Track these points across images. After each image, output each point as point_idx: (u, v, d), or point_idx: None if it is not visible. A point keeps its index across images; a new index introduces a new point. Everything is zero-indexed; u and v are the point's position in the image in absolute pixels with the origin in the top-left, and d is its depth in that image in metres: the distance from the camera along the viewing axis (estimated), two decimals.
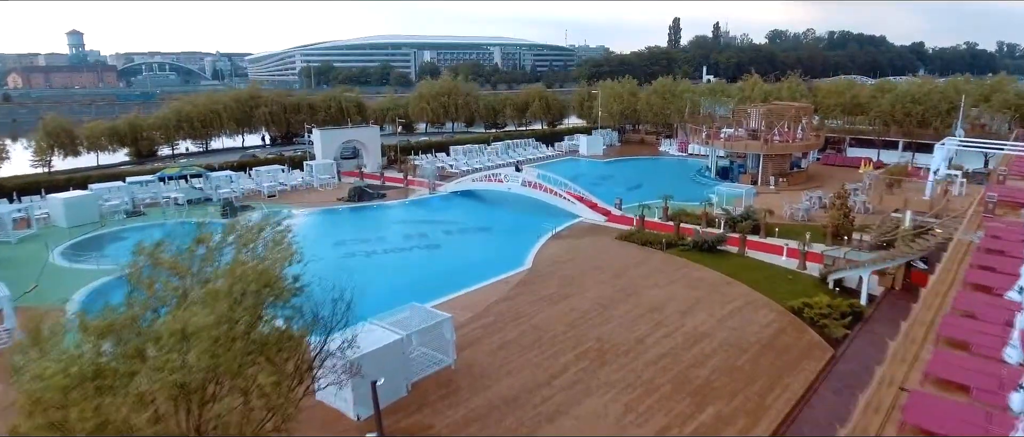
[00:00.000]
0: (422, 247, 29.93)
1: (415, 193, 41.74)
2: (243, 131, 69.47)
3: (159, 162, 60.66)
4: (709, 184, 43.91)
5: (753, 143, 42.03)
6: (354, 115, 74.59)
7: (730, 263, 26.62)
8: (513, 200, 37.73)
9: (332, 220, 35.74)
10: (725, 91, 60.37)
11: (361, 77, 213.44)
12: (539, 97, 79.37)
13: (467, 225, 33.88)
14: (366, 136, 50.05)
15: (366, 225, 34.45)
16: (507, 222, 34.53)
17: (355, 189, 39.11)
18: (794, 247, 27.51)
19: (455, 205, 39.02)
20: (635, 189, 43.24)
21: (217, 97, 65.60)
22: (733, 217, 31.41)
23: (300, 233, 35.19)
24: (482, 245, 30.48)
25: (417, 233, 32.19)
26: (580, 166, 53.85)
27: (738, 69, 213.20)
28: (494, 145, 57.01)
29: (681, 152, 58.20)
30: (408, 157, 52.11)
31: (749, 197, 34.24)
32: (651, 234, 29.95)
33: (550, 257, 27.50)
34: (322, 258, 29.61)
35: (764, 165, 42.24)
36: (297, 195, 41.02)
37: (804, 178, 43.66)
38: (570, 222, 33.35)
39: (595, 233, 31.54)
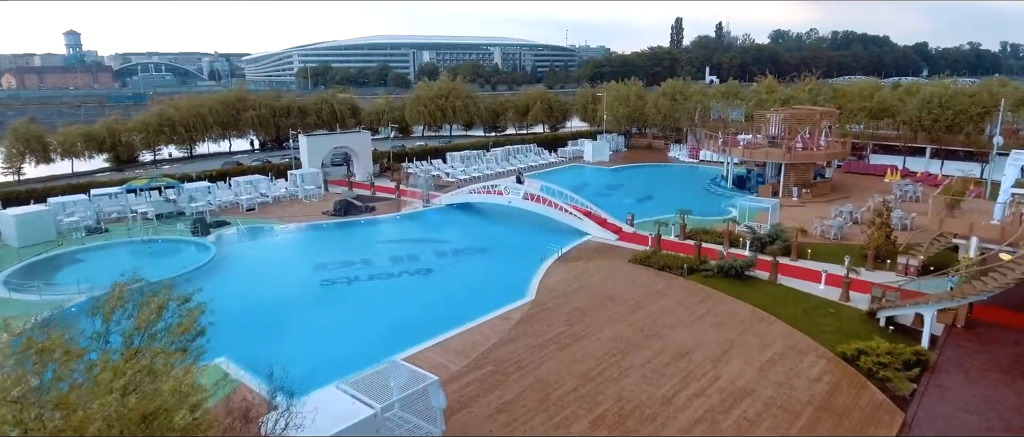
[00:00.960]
0: (412, 272, 26.66)
1: (408, 205, 38.49)
2: (230, 135, 66.29)
3: (140, 169, 57.53)
4: (726, 195, 40.66)
5: (774, 151, 38.77)
6: (347, 118, 71.55)
7: (761, 292, 23.37)
8: (514, 215, 34.48)
9: (314, 238, 32.49)
10: (738, 94, 57.10)
11: (359, 78, 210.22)
12: (541, 99, 76.25)
13: (463, 245, 30.62)
14: (356, 142, 46.80)
15: (351, 244, 31.21)
16: (508, 241, 31.28)
17: (341, 202, 35.84)
18: (835, 272, 24.31)
19: (451, 220, 35.77)
20: (646, 201, 40.02)
21: (201, 100, 62.32)
22: (759, 236, 28.16)
23: (277, 254, 32.24)
24: (480, 270, 27.23)
25: (407, 255, 28.93)
26: (585, 174, 50.60)
27: (741, 70, 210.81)
28: (493, 151, 53.75)
29: (692, 159, 54.94)
30: (401, 165, 48.85)
31: (775, 213, 30.96)
32: (669, 256, 26.69)
33: (556, 285, 24.24)
34: (298, 285, 26.71)
35: (786, 175, 38.97)
36: (279, 208, 37.76)
37: (828, 189, 40.40)
38: (577, 241, 30.10)
39: (605, 254, 28.28)
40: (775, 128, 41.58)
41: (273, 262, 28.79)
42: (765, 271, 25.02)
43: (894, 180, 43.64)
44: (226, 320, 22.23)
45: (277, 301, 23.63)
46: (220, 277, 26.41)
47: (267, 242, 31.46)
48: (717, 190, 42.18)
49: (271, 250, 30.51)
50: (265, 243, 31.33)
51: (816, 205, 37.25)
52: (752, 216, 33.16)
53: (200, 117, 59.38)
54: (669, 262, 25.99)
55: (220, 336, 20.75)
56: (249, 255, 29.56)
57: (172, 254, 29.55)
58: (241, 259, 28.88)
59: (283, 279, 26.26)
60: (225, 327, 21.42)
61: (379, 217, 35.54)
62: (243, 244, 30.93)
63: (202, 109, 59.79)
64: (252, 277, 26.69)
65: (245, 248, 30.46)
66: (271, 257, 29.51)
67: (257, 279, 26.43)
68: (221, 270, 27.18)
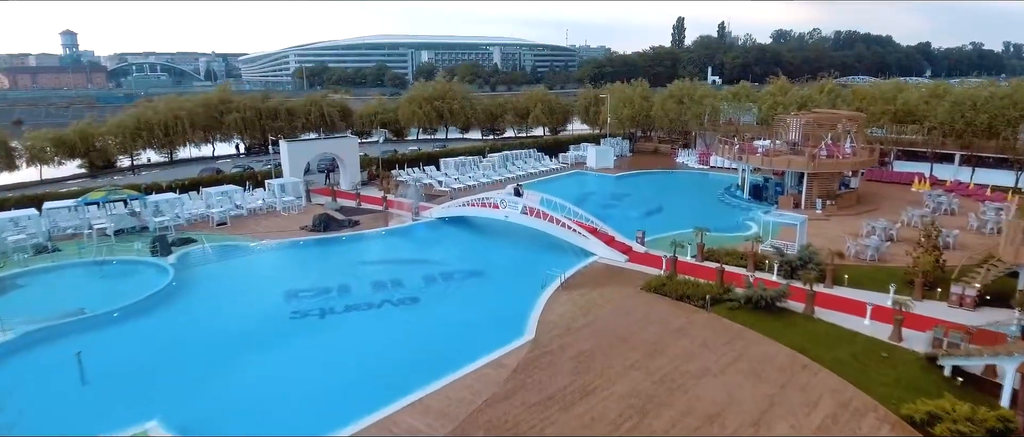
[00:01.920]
0: (395, 302, 23.34)
1: (396, 219, 35.18)
2: (214, 139, 62.97)
3: (118, 175, 54.30)
4: (742, 206, 37.36)
5: (797, 159, 35.45)
6: (338, 121, 68.37)
7: (798, 330, 20.08)
8: (512, 231, 31.19)
9: (289, 258, 29.17)
10: (750, 95, 53.78)
11: (356, 78, 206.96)
12: (541, 101, 72.95)
13: (454, 267, 27.28)
14: (342, 148, 43.46)
15: (330, 265, 27.89)
16: (504, 262, 27.98)
17: (321, 217, 32.52)
18: (880, 303, 21.09)
19: (442, 236, 32.47)
20: (655, 214, 36.73)
21: (180, 101, 58.95)
22: (788, 259, 24.84)
23: (245, 277, 27.06)
24: (471, 299, 23.89)
25: (391, 279, 25.61)
26: (589, 182, 47.30)
27: (744, 70, 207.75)
28: (490, 157, 50.46)
29: (702, 165, 51.63)
30: (391, 173, 45.53)
31: (803, 230, 27.63)
32: (687, 283, 23.38)
33: (559, 320, 20.93)
34: (263, 318, 22.04)
35: (809, 185, 35.67)
36: (254, 222, 34.43)
37: (854, 200, 37.08)
38: (582, 263, 26.78)
39: (614, 279, 24.97)
40: (795, 133, 38.28)
41: (238, 288, 25.46)
42: (800, 302, 21.73)
43: (923, 189, 40.35)
44: (168, 368, 18.96)
45: (235, 339, 20.34)
46: (174, 307, 23.12)
47: (235, 263, 28.13)
48: (732, 201, 38.87)
49: (238, 273, 27.18)
50: (233, 264, 28.01)
51: (842, 219, 33.96)
52: (775, 232, 29.90)
53: (179, 120, 56.02)
54: (688, 291, 22.68)
55: (157, 390, 17.70)
56: (212, 279, 26.24)
57: (126, 277, 26.26)
58: (202, 284, 25.56)
59: (247, 309, 22.95)
60: (165, 377, 18.23)
61: (363, 233, 32.22)
62: (207, 266, 27.60)
63: (181, 111, 56.41)
64: (211, 307, 23.37)
65: (209, 271, 27.13)
66: (237, 282, 26.19)
67: (216, 310, 23.11)
68: (177, 298, 23.87)
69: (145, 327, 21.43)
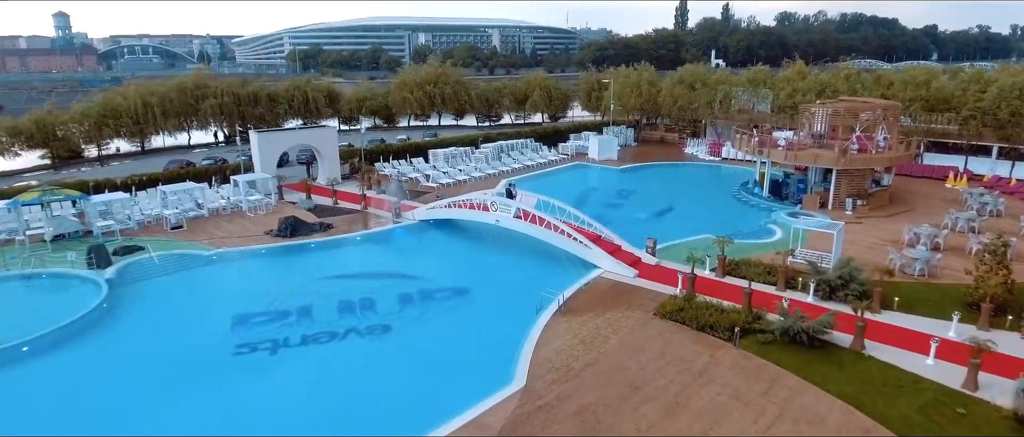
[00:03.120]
0: (361, 330, 19.66)
1: (375, 220, 31.41)
2: (189, 127, 58.96)
3: (86, 166, 50.51)
4: (762, 206, 33.57)
5: (825, 155, 31.58)
6: (324, 108, 64.34)
7: (847, 372, 16.42)
8: (503, 238, 27.46)
9: (247, 270, 25.41)
10: (767, 81, 49.69)
11: (351, 61, 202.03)
12: (540, 86, 68.89)
13: (435, 283, 23.54)
14: (320, 138, 39.53)
15: (292, 280, 24.12)
16: (494, 277, 24.24)
17: (287, 220, 28.72)
18: (943, 334, 17.46)
19: (424, 244, 28.73)
20: (665, 215, 32.97)
21: (152, 87, 54.84)
22: (826, 277, 21.09)
23: (192, 296, 22.41)
24: (452, 327, 20.18)
25: (361, 299, 21.91)
26: (591, 176, 43.46)
27: (748, 53, 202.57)
28: (484, 148, 46.55)
29: (713, 156, 47.75)
30: (374, 167, 41.66)
31: (839, 239, 23.84)
32: (709, 307, 19.68)
33: (556, 359, 17.25)
34: (203, 352, 17.94)
35: (837, 183, 31.86)
36: (215, 225, 30.66)
37: (886, 200, 33.29)
38: (584, 279, 23.04)
39: (622, 300, 21.26)
40: (821, 124, 34.38)
41: (181, 311, 21.74)
42: (846, 332, 18.05)
43: (959, 186, 36.55)
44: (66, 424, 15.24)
45: (161, 383, 16.71)
46: (99, 338, 19.44)
47: (183, 278, 24.39)
48: (750, 199, 35.07)
49: (185, 290, 23.44)
50: (180, 279, 24.26)
51: (876, 222, 30.22)
52: (803, 239, 26.12)
53: (149, 107, 51.99)
54: (710, 318, 18.96)
55: None
56: (153, 299, 22.52)
57: (52, 295, 22.63)
58: (139, 306, 21.85)
59: (185, 341, 19.26)
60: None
61: (336, 238, 28.44)
62: (151, 281, 23.88)
63: (152, 97, 52.34)
64: (143, 338, 19.66)
65: (152, 287, 23.42)
66: (181, 302, 22.45)
67: (149, 342, 19.40)
68: (105, 326, 20.19)
69: (58, 365, 17.80)
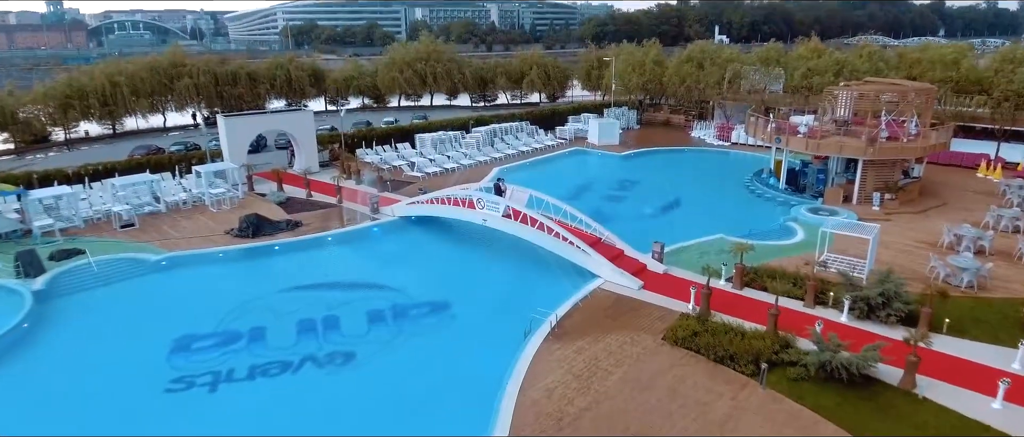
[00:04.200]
0: (320, 359, 16.72)
1: (351, 216, 28.34)
2: (164, 108, 55.64)
3: (54, 151, 47.34)
4: (778, 199, 30.49)
5: (851, 144, 28.39)
6: (308, 87, 60.95)
7: (900, 421, 13.53)
8: (491, 239, 24.42)
9: (198, 279, 22.36)
10: (780, 59, 46.20)
11: (346, 37, 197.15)
12: (537, 64, 65.31)
13: (411, 295, 20.53)
14: (295, 123, 36.25)
15: (248, 293, 21.07)
16: (478, 290, 21.22)
17: (249, 218, 25.63)
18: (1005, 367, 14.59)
19: (401, 246, 25.68)
20: (672, 210, 29.89)
21: (121, 66, 51.40)
22: (864, 294, 18.07)
23: (129, 312, 17.88)
24: (426, 355, 17.18)
25: (325, 317, 18.95)
26: (590, 164, 40.29)
27: (752, 29, 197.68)
28: (475, 132, 43.31)
29: (722, 140, 44.51)
30: (355, 155, 38.48)
31: (875, 244, 20.78)
32: (727, 331, 16.72)
33: (547, 401, 14.32)
34: (130, 387, 14.51)
35: (863, 175, 28.75)
36: (171, 221, 27.58)
37: (916, 193, 30.18)
38: (581, 291, 20.05)
39: (625, 319, 18.28)
40: (845, 109, 31.14)
41: (114, 331, 18.75)
42: (893, 366, 15.12)
43: (993, 177, 33.44)
44: None
45: (72, 428, 13.81)
46: (11, 365, 16.51)
47: (124, 289, 21.39)
48: (764, 191, 31.97)
49: (123, 304, 20.44)
50: (120, 290, 21.27)
51: (908, 219, 27.17)
52: (829, 241, 23.05)
53: (118, 87, 48.59)
54: (731, 347, 15.99)
55: None
56: (84, 315, 19.56)
57: None
58: (67, 324, 18.90)
59: (113, 369, 16.36)
60: None
61: (303, 238, 25.35)
62: (86, 293, 20.91)
63: (119, 77, 48.90)
64: (63, 366, 16.73)
65: (86, 300, 20.45)
66: (116, 319, 19.46)
67: (69, 370, 16.48)
68: (22, 351, 17.25)
69: None
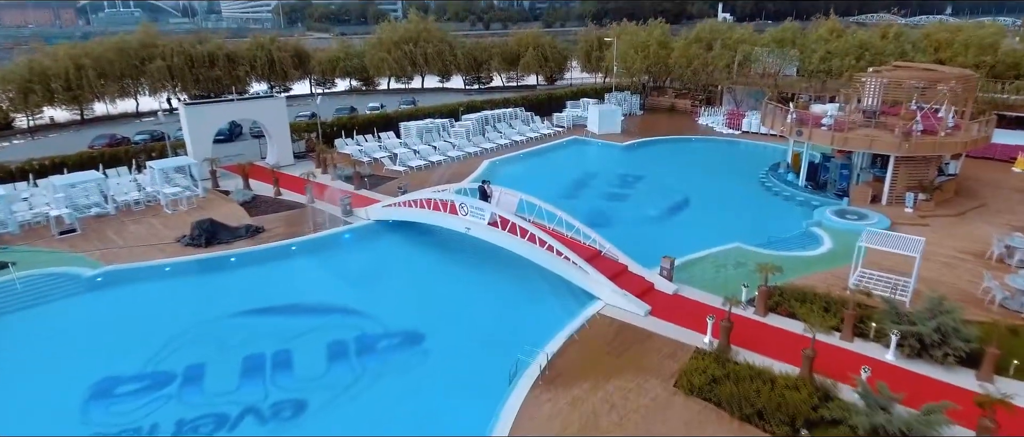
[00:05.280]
0: (264, 412, 13.84)
1: (321, 219, 25.31)
2: (136, 92, 52.30)
3: (18, 138, 44.20)
4: (797, 199, 27.44)
5: (883, 138, 25.25)
6: (292, 69, 57.53)
7: None
8: (476, 250, 21.41)
9: (136, 300, 19.36)
10: (796, 40, 42.77)
11: (341, 15, 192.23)
12: (534, 45, 61.78)
13: (380, 324, 17.55)
14: (265, 111, 33.04)
15: (191, 318, 18.05)
16: (457, 318, 18.20)
17: (202, 225, 22.58)
18: None
19: (374, 257, 22.67)
20: (681, 211, 26.84)
21: (87, 47, 47.98)
22: (916, 329, 15.09)
23: (49, 346, 13.06)
24: (392, 407, 14.20)
25: (276, 353, 16.03)
26: (589, 156, 37.15)
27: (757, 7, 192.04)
28: (466, 119, 40.11)
29: (731, 129, 41.32)
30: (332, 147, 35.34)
31: (919, 259, 17.77)
32: (752, 373, 13.82)
33: None
34: None
35: (894, 173, 25.67)
36: (118, 226, 24.55)
37: (952, 192, 27.12)
38: (579, 317, 17.09)
39: (631, 359, 15.34)
40: (873, 98, 27.95)
41: (26, 368, 15.84)
42: (962, 427, 12.23)
43: None
44: None
45: None
46: None
47: (49, 312, 18.44)
48: (782, 188, 28.89)
49: (45, 332, 17.49)
50: (44, 314, 18.32)
51: (945, 223, 24.17)
52: (860, 254, 20.03)
53: (82, 70, 45.24)
54: (759, 400, 13.08)
55: None
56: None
57: None
58: None
59: (13, 423, 13.49)
60: None
61: (264, 247, 22.33)
62: (4, 317, 17.95)
63: (84, 59, 45.53)
64: None
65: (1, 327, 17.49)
66: (32, 353, 16.53)
67: None
68: None
69: None
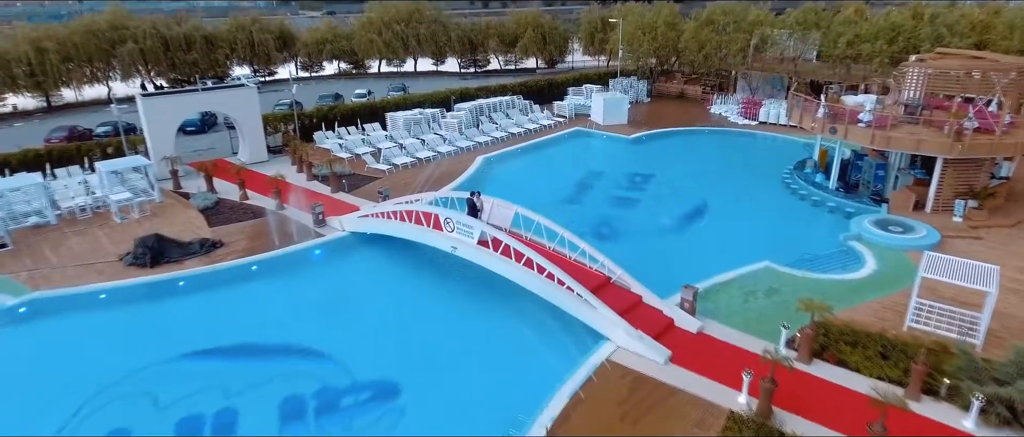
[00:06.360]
0: None
1: (289, 228, 22.25)
2: (107, 77, 48.97)
3: None
4: (827, 202, 24.36)
5: (934, 140, 22.09)
6: (275, 51, 54.21)
7: None
8: (466, 274, 18.36)
9: (59, 338, 16.36)
10: (820, 22, 39.32)
11: None
12: (533, 26, 58.26)
13: (347, 372, 14.54)
14: (234, 102, 29.77)
15: (125, 363, 15.05)
16: (440, 362, 15.15)
17: (146, 242, 19.49)
18: None
19: (347, 282, 19.58)
20: (698, 218, 23.74)
21: (50, 29, 44.57)
22: (1002, 389, 12.16)
23: None
24: None
25: (221, 413, 13.12)
26: (593, 151, 33.98)
27: None
28: (458, 109, 36.88)
29: (747, 119, 38.10)
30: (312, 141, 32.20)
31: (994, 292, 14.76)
32: None
33: None
34: None
35: (941, 177, 22.58)
36: (57, 239, 21.52)
37: (1003, 198, 24.00)
38: (585, 366, 14.11)
39: (649, 427, 12.38)
40: (916, 90, 24.75)
41: None
42: None
43: None
44: None
45: None
46: None
47: None
48: (810, 191, 25.77)
49: None
50: None
51: (999, 234, 21.16)
52: (907, 275, 17.02)
53: (45, 54, 41.91)
54: None
55: None
56: None
57: None
58: None
59: None
60: None
61: (219, 267, 19.27)
62: None
63: (47, 42, 42.16)
64: None
65: None
66: None
67: None
68: None
69: None
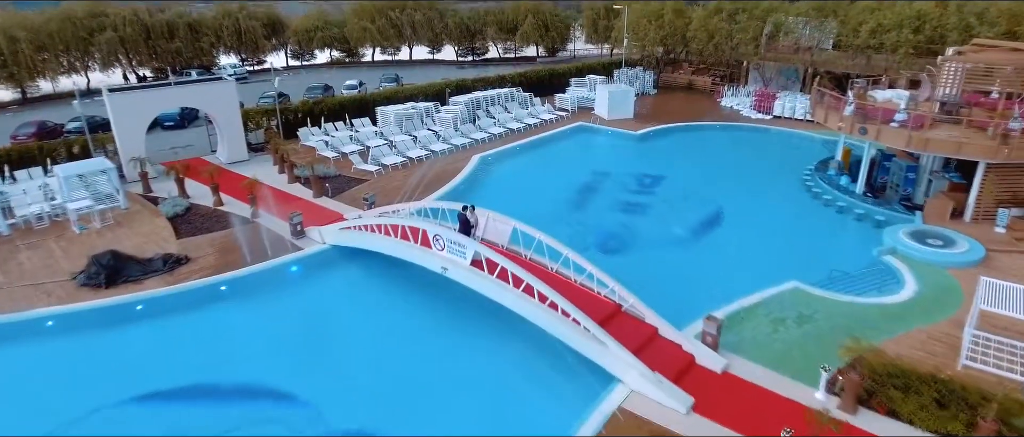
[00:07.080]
0: None
1: (265, 240, 20.22)
2: (86, 68, 46.77)
3: None
4: (854, 209, 22.35)
5: (978, 144, 20.00)
6: (263, 39, 51.96)
7: None
8: (457, 298, 16.33)
9: (4, 372, 14.38)
10: (836, 9, 37.00)
11: None
12: (533, 13, 55.95)
13: (320, 426, 12.55)
14: (210, 97, 27.58)
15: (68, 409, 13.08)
16: (422, 412, 13.11)
17: (99, 261, 17.47)
18: None
19: (323, 306, 17.54)
20: (713, 229, 21.70)
21: (20, 18, 42.27)
22: None
23: None
24: None
25: None
26: (597, 151, 31.87)
27: None
28: (454, 103, 34.73)
29: (761, 113, 35.98)
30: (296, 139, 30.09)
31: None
32: None
33: None
34: None
35: (983, 184, 20.54)
36: (8, 253, 19.50)
37: None
38: (593, 417, 12.15)
39: None
40: (952, 87, 22.63)
41: None
42: None
43: None
44: None
45: None
46: None
47: None
48: (835, 196, 23.72)
49: None
50: None
51: None
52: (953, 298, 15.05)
53: (16, 43, 39.65)
54: None
55: None
56: None
57: None
58: None
59: None
60: None
61: (184, 288, 17.23)
62: None
63: (18, 31, 39.89)
64: None
65: None
66: None
67: None
68: None
69: None
